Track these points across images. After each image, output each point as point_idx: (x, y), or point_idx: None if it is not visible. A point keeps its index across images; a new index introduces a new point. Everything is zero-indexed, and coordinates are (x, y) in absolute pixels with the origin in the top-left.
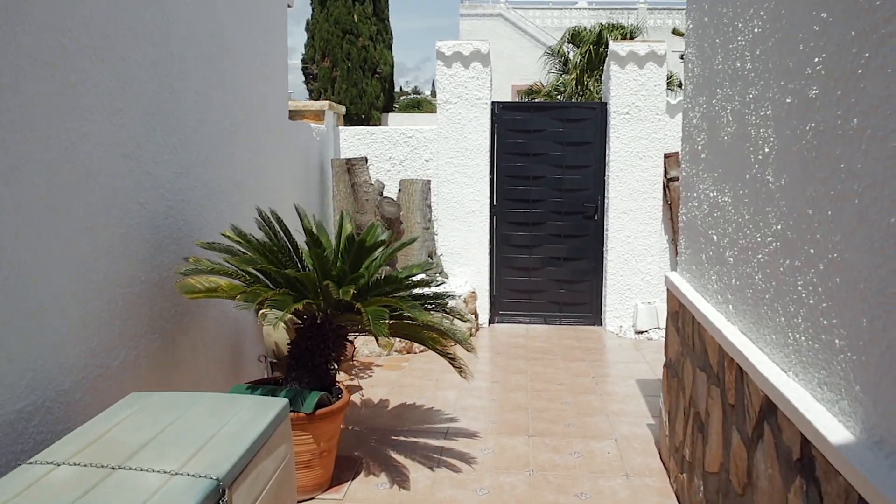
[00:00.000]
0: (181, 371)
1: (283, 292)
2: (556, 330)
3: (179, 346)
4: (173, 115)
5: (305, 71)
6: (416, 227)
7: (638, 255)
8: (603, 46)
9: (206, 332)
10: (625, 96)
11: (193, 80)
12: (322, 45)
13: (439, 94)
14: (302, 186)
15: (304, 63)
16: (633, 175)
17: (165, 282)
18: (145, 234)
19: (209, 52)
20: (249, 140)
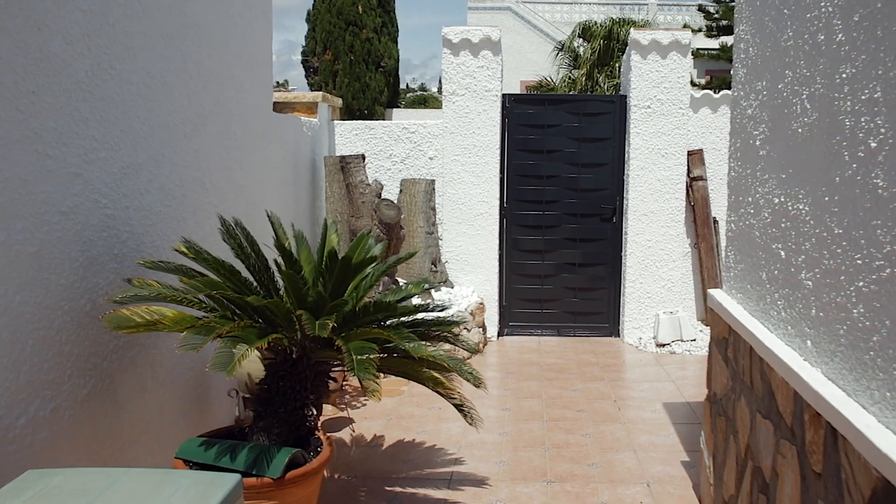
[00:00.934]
0: (123, 419)
1: (244, 325)
2: (571, 343)
3: (121, 387)
4: (114, 102)
5: (306, 64)
6: (419, 231)
7: (659, 261)
8: (614, 41)
9: (159, 367)
10: (646, 89)
11: (143, 59)
12: (324, 37)
13: (445, 84)
14: (289, 188)
15: (304, 56)
16: (654, 174)
17: (101, 310)
18: (70, 251)
19: (166, 28)
20: (221, 134)
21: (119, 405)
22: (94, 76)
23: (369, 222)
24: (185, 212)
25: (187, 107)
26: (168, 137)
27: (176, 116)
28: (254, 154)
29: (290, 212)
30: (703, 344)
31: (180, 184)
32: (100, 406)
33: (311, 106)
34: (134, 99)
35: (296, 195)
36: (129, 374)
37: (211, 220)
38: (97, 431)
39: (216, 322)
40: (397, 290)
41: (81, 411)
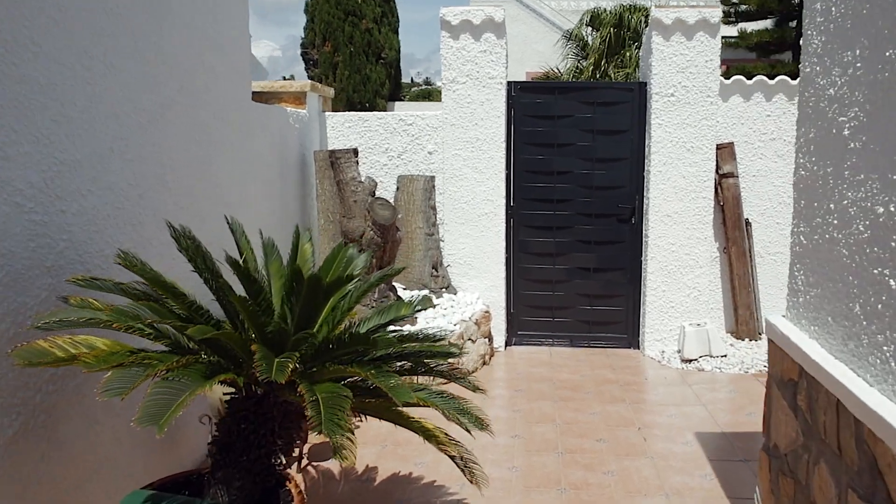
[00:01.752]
0: (66, 460)
1: (188, 361)
2: (586, 355)
3: (63, 422)
4: (40, 86)
5: (305, 56)
6: (418, 232)
7: (684, 267)
8: (625, 29)
9: None
10: (669, 74)
11: (80, 37)
12: (323, 28)
13: (445, 71)
14: (275, 185)
15: (303, 48)
16: (678, 170)
17: (29, 335)
18: None
19: (109, 0)
20: (189, 125)
21: (60, 444)
22: (8, 53)
23: (362, 223)
24: (143, 215)
25: (142, 93)
26: (117, 129)
27: (127, 104)
28: (231, 148)
29: (276, 212)
30: (736, 360)
31: (135, 182)
32: (33, 447)
33: (299, 96)
34: (68, 83)
35: (283, 194)
36: (73, 405)
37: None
38: (30, 477)
39: (154, 358)
40: (387, 309)
41: (6, 456)
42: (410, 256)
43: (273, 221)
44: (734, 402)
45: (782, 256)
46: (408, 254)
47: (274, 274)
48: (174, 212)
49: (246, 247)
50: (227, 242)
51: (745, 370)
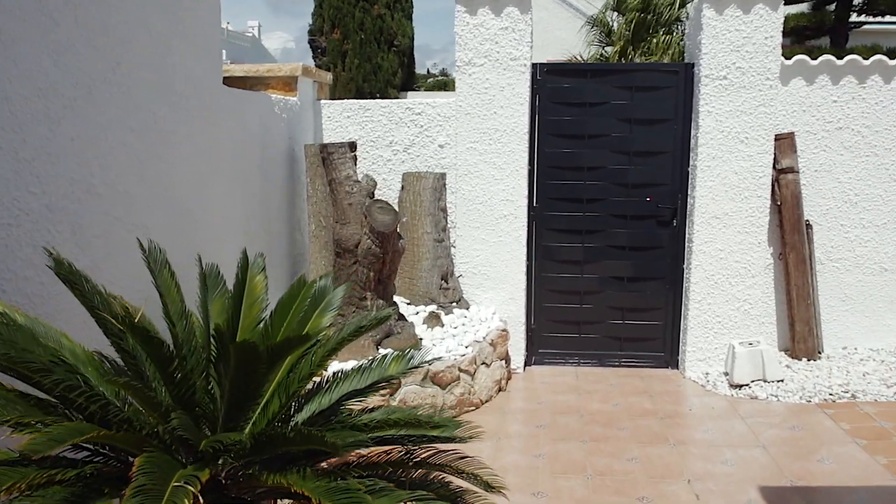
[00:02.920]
0: None
1: (49, 477)
2: (618, 377)
3: None
4: None
5: (313, 44)
6: (425, 239)
7: (734, 276)
8: (651, 14)
9: None
10: (722, 54)
11: None
12: (332, 14)
13: (459, 52)
14: (251, 185)
15: (311, 35)
16: (729, 165)
17: None
18: None
19: None
20: (127, 114)
21: None
22: None
23: (358, 230)
24: (58, 229)
25: (48, 72)
26: (8, 118)
27: (25, 85)
28: (189, 140)
29: (253, 217)
30: (795, 387)
31: (42, 190)
32: None
33: (289, 81)
34: None
35: (264, 195)
36: None
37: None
38: None
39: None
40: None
41: None
42: (416, 266)
43: (250, 228)
44: (801, 443)
45: (846, 264)
46: (413, 263)
47: (216, 317)
48: (103, 225)
49: (168, 283)
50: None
51: (806, 398)
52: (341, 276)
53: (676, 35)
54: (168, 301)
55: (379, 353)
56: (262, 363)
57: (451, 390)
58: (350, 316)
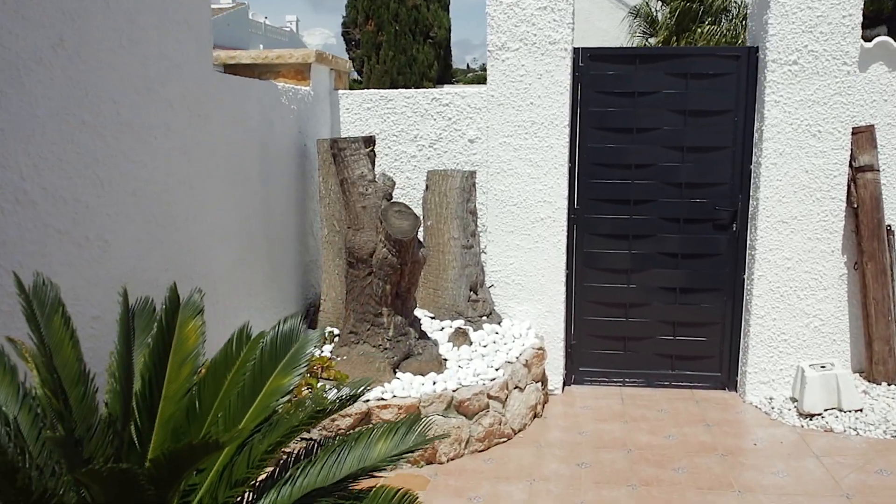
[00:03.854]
0: None
1: None
2: (669, 401)
3: None
4: None
5: (347, 36)
6: (452, 245)
7: (802, 288)
8: (697, 2)
9: None
10: (793, 35)
11: None
12: (366, 6)
13: (492, 35)
14: (250, 186)
15: (344, 27)
16: (799, 162)
17: None
18: None
19: None
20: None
21: None
22: None
23: (373, 237)
24: None
25: None
26: None
27: None
28: (170, 137)
29: (254, 224)
30: (877, 418)
31: None
32: None
33: (301, 69)
34: None
35: (267, 197)
36: None
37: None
38: None
39: None
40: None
41: None
42: (442, 276)
43: (248, 235)
44: (892, 492)
45: None
46: (439, 272)
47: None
48: (40, 240)
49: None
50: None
51: (891, 433)
52: (354, 288)
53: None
54: (58, 362)
55: (397, 376)
56: (144, 489)
57: (479, 420)
58: (364, 335)
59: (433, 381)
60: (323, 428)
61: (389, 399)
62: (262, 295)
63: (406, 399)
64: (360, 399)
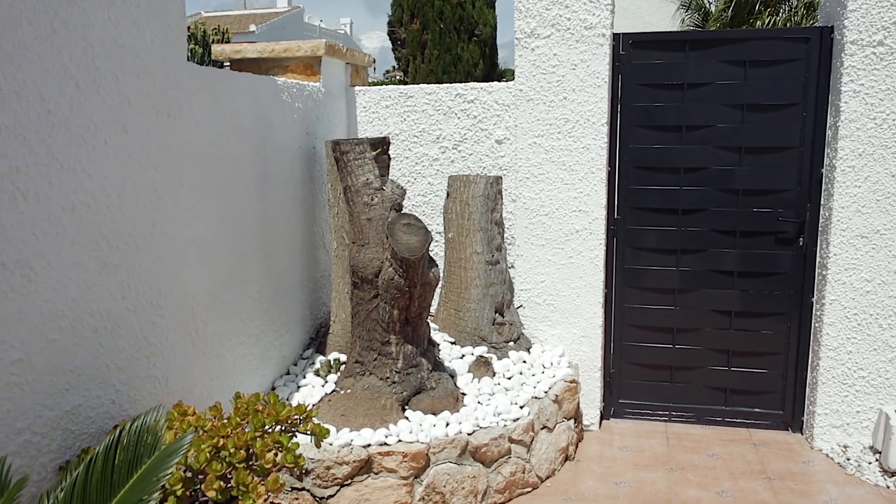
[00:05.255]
0: None
1: None
2: (721, 442)
3: None
4: None
5: (392, 36)
6: (474, 260)
7: (886, 316)
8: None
9: None
10: (877, 10)
11: None
12: (411, 4)
13: (519, 21)
14: (246, 197)
15: (390, 27)
16: (883, 165)
17: None
18: None
19: None
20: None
21: None
22: None
23: (380, 254)
24: None
25: None
26: None
27: None
28: (129, 140)
29: (245, 239)
30: None
31: None
32: None
33: (310, 63)
34: None
35: (264, 207)
36: None
37: None
38: None
39: None
40: None
41: None
42: (464, 295)
43: (237, 253)
44: None
45: None
46: (460, 291)
47: None
48: None
49: None
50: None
51: None
52: (360, 312)
53: (783, 16)
54: None
55: (405, 414)
56: None
57: (499, 469)
58: (371, 365)
59: (446, 421)
60: (317, 477)
61: (394, 444)
62: (259, 319)
63: (413, 445)
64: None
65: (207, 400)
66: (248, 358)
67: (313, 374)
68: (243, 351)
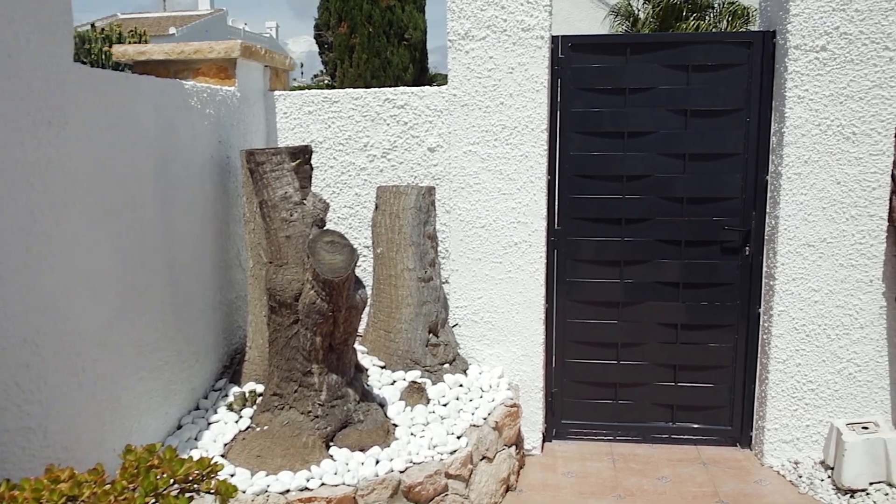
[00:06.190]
0: None
1: None
2: (669, 462)
3: None
4: None
5: (319, 39)
6: (405, 277)
7: (834, 327)
8: None
9: None
10: (820, 15)
11: None
12: (338, 7)
13: (453, 22)
14: (144, 215)
15: (317, 30)
16: (829, 172)
17: None
18: None
19: None
20: None
21: None
22: None
23: (300, 275)
24: None
25: None
26: None
27: None
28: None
29: (144, 262)
30: None
31: None
32: None
33: (224, 65)
34: None
35: (168, 226)
36: None
37: None
38: None
39: None
40: None
41: None
42: (394, 315)
43: (132, 280)
44: None
45: None
46: (391, 311)
47: None
48: None
49: None
50: None
51: None
52: (278, 339)
53: (709, 21)
54: None
55: (330, 452)
56: None
57: None
58: (290, 398)
59: (376, 458)
60: None
61: (316, 489)
62: (163, 350)
63: (338, 488)
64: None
65: (99, 450)
66: (149, 395)
67: (226, 409)
68: (144, 388)
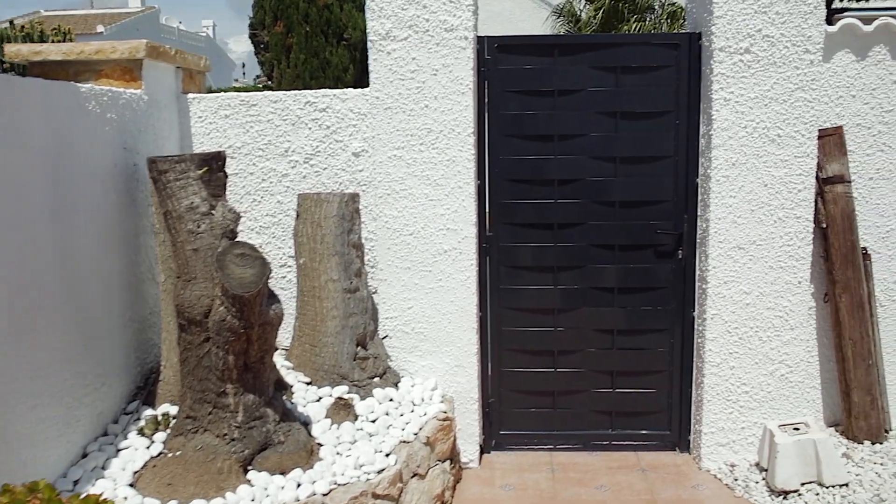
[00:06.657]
0: None
1: None
2: (609, 470)
3: None
4: None
5: (255, 39)
6: (330, 289)
7: (765, 328)
8: (623, 1)
9: None
10: (743, 17)
11: None
12: (273, 6)
13: (372, 21)
14: (37, 232)
15: (252, 29)
16: (756, 174)
17: None
18: None
19: None
20: None
21: None
22: None
23: (209, 290)
24: None
25: None
26: None
27: None
28: None
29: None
30: (867, 497)
31: None
32: None
33: (129, 67)
34: None
35: (63, 241)
36: None
37: None
38: None
39: None
40: None
41: None
42: (319, 329)
43: (26, 292)
44: None
45: None
46: (315, 325)
47: None
48: None
49: None
50: None
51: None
52: (189, 359)
53: (650, 23)
54: None
55: (248, 477)
56: None
57: None
58: (205, 420)
59: (297, 481)
60: None
61: None
62: (63, 373)
63: None
64: None
65: None
66: (47, 423)
67: (137, 434)
68: (40, 415)
